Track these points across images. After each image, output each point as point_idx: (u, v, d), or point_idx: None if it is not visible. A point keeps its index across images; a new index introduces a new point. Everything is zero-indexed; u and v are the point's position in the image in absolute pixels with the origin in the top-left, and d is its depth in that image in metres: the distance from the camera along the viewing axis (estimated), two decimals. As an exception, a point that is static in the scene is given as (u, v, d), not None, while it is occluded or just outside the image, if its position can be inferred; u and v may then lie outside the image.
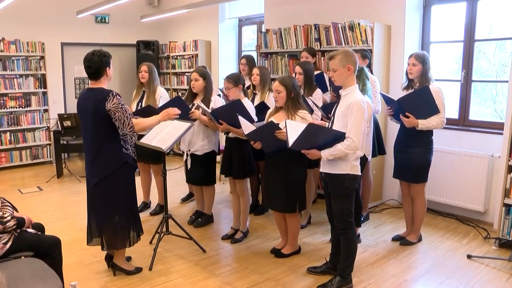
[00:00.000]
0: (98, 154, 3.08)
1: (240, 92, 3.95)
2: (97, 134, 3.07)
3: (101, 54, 3.07)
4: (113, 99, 2.99)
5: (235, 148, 3.99)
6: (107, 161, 3.08)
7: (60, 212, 5.01)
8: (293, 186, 3.47)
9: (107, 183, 3.10)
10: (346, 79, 2.92)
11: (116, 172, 3.09)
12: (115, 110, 2.98)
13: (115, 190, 3.13)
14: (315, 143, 2.92)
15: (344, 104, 2.88)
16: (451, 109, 4.90)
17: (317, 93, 4.22)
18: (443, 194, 4.75)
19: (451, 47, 4.96)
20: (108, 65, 3.09)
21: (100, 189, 3.12)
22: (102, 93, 3.02)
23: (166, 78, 8.38)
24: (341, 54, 2.90)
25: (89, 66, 3.05)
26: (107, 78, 3.11)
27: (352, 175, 2.96)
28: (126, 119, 3.04)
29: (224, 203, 5.35)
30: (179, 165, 7.20)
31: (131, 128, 3.08)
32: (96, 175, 3.11)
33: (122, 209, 3.20)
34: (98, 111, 2.99)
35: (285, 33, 5.63)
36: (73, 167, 7.17)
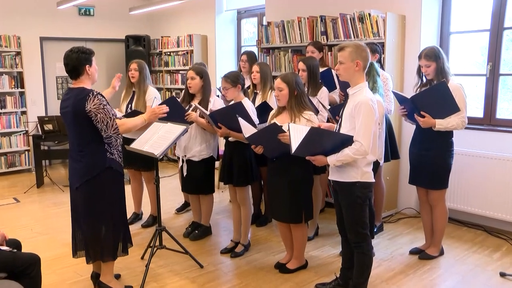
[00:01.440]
0: (80, 158, 3.13)
1: (239, 93, 4.00)
2: (79, 137, 3.13)
3: (79, 50, 3.13)
4: (93, 100, 3.03)
5: (236, 153, 4.04)
6: (88, 165, 3.12)
7: (40, 226, 5.02)
8: (298, 194, 3.51)
9: (88, 189, 3.14)
10: (353, 75, 2.95)
11: (98, 177, 3.13)
12: (96, 111, 3.03)
13: (98, 197, 3.16)
14: (320, 148, 2.96)
15: (352, 103, 2.91)
16: (475, 107, 4.87)
17: (323, 92, 4.27)
18: (467, 202, 4.73)
19: (475, 37, 4.93)
20: (87, 62, 3.13)
21: (81, 195, 3.16)
22: (82, 93, 3.07)
23: (159, 77, 8.44)
24: (352, 47, 2.93)
25: (66, 64, 3.13)
26: (88, 77, 3.16)
27: (363, 183, 2.99)
28: (109, 120, 3.09)
29: (223, 213, 5.39)
30: (174, 172, 7.26)
31: (115, 129, 3.14)
32: (76, 179, 3.16)
33: (107, 219, 3.22)
34: (78, 112, 3.04)
35: (288, 26, 5.69)
36: (55, 176, 7.19)
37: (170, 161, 8.18)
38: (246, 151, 3.99)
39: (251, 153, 3.99)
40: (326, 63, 5.09)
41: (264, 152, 3.52)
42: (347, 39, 5.03)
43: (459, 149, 4.55)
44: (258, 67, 4.54)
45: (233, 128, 3.78)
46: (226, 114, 3.79)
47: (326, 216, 5.06)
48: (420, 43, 4.87)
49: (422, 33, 4.91)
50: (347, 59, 2.93)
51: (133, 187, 5.03)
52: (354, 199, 3.01)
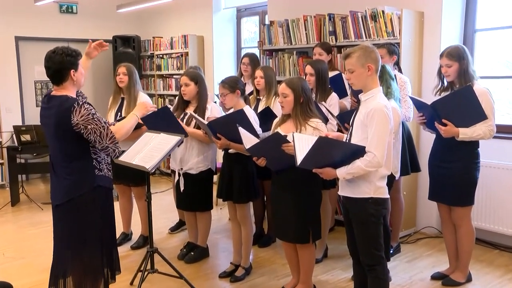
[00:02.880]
0: (64, 175, 3.08)
1: (239, 99, 4.04)
2: (62, 152, 3.07)
3: (63, 52, 3.02)
4: (80, 111, 2.95)
5: (235, 166, 4.07)
6: (74, 183, 3.06)
7: (14, 250, 5.00)
8: (305, 211, 3.53)
9: (72, 207, 3.08)
10: (366, 81, 2.97)
11: (84, 196, 3.07)
12: (85, 123, 2.96)
13: (84, 217, 3.10)
14: (328, 160, 2.98)
15: (364, 110, 2.94)
16: (506, 112, 4.86)
17: (333, 98, 4.32)
18: (497, 221, 4.68)
19: (506, 35, 4.89)
20: (73, 66, 3.04)
21: (63, 214, 3.12)
22: (65, 102, 2.98)
23: (150, 82, 8.50)
24: (359, 51, 2.95)
25: (48, 67, 3.04)
26: (73, 83, 3.06)
27: (377, 199, 3.01)
28: (102, 129, 3.01)
29: (222, 232, 5.41)
30: (167, 187, 7.28)
31: (112, 138, 3.07)
32: (59, 196, 3.11)
33: (94, 243, 3.16)
34: (62, 126, 2.97)
35: (293, 25, 5.75)
36: (33, 192, 7.14)
37: (163, 175, 8.21)
38: (247, 163, 4.02)
39: (252, 166, 4.02)
40: (335, 67, 5.14)
41: (267, 165, 3.54)
42: (358, 39, 5.08)
43: (486, 161, 4.54)
44: (262, 71, 4.59)
45: (234, 139, 3.80)
46: (226, 123, 3.82)
47: (336, 236, 5.07)
48: (441, 43, 4.87)
49: (442, 31, 4.91)
50: (356, 65, 2.95)
51: (122, 204, 5.05)
52: (366, 217, 3.02)
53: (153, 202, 3.96)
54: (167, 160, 6.90)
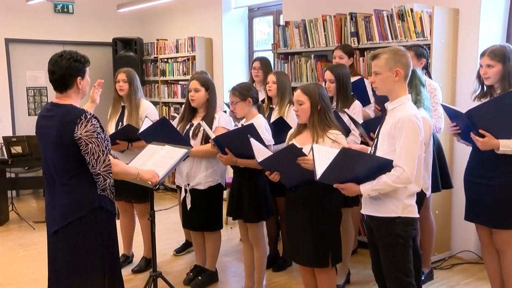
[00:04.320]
0: (62, 194, 3.07)
1: (251, 108, 4.07)
2: (61, 167, 3.06)
3: (71, 57, 3.03)
4: (86, 124, 2.96)
5: (246, 181, 4.08)
6: (72, 203, 3.05)
7: (2, 275, 4.99)
8: (324, 232, 3.52)
9: (71, 233, 3.07)
10: (393, 87, 2.98)
11: (85, 218, 3.06)
12: (88, 140, 2.96)
13: (84, 244, 3.10)
14: (351, 174, 2.98)
15: (391, 121, 2.94)
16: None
17: (355, 107, 4.32)
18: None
19: None
20: (80, 73, 3.06)
21: (61, 241, 3.10)
22: (71, 113, 3.00)
23: (154, 89, 8.55)
24: (389, 53, 2.97)
25: (52, 72, 3.04)
26: (78, 91, 3.09)
27: (405, 219, 2.99)
28: (101, 153, 3.01)
29: (232, 254, 5.41)
30: (172, 204, 7.29)
31: (107, 166, 3.04)
32: (56, 221, 3.09)
33: (95, 272, 3.15)
34: (64, 137, 2.98)
35: (310, 26, 5.76)
36: (24, 210, 7.14)
37: (168, 190, 8.23)
38: (258, 178, 4.03)
39: (264, 182, 4.03)
40: (357, 71, 5.14)
41: (281, 180, 3.54)
42: (383, 41, 5.07)
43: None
44: (275, 76, 4.60)
45: (243, 154, 3.83)
46: (234, 138, 3.85)
47: (359, 259, 5.05)
48: (478, 44, 4.80)
49: (481, 30, 4.84)
50: (384, 68, 2.96)
51: (123, 223, 5.08)
52: (394, 239, 3.00)
53: (157, 221, 3.98)
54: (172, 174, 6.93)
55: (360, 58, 5.31)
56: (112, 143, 4.41)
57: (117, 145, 4.53)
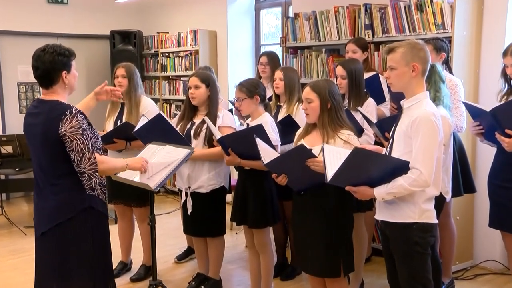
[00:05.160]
0: (50, 194, 3.11)
1: (258, 106, 4.07)
2: (50, 166, 3.11)
3: (54, 51, 3.07)
4: (71, 120, 3.00)
5: (251, 185, 4.08)
6: (61, 204, 3.09)
7: (-10, 283, 5.01)
8: (335, 238, 3.50)
9: (59, 235, 3.09)
10: (410, 83, 2.98)
11: (74, 220, 3.10)
12: (72, 136, 3.00)
13: (73, 247, 3.12)
14: (364, 176, 2.98)
15: (408, 120, 2.94)
16: None
17: (369, 105, 4.32)
18: None
19: None
20: (65, 67, 3.10)
21: (49, 243, 3.13)
22: (56, 108, 3.05)
23: (154, 85, 8.57)
24: (406, 47, 2.97)
25: (36, 67, 3.09)
26: (64, 86, 3.13)
27: (423, 225, 2.98)
28: (86, 151, 3.04)
29: (237, 262, 5.42)
30: (173, 208, 7.29)
31: (92, 165, 3.07)
32: (44, 222, 3.13)
33: (85, 277, 3.16)
34: (50, 133, 3.02)
35: (322, 18, 5.76)
36: (14, 214, 7.13)
37: (169, 193, 8.24)
38: (264, 181, 4.03)
39: (271, 185, 4.04)
40: (372, 67, 5.14)
41: (288, 183, 3.54)
42: (400, 34, 5.05)
43: None
44: (282, 73, 4.60)
45: (248, 156, 3.84)
46: (240, 138, 3.86)
47: (373, 268, 5.04)
48: (505, 36, 4.77)
49: (508, 22, 4.79)
50: (400, 62, 2.96)
51: (121, 228, 5.08)
52: (411, 247, 3.00)
53: (157, 226, 3.99)
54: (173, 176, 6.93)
55: (375, 53, 5.30)
56: (109, 141, 4.45)
57: (115, 144, 4.55)
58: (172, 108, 8.17)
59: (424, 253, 3.02)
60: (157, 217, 4.01)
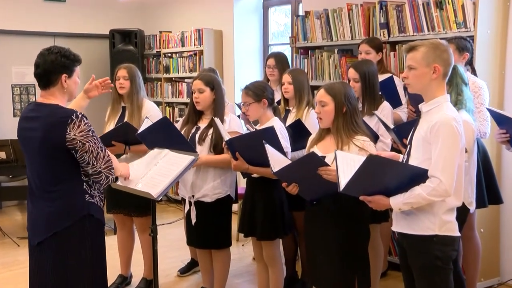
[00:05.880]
0: (47, 201, 3.13)
1: (266, 110, 4.07)
2: (47, 172, 3.13)
3: (59, 52, 3.14)
4: (79, 124, 3.05)
5: (260, 194, 4.08)
6: (58, 211, 3.11)
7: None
8: (349, 252, 3.50)
9: (56, 245, 3.12)
10: (429, 85, 2.97)
11: (71, 229, 3.12)
12: (84, 139, 3.05)
13: (70, 257, 3.14)
14: (380, 185, 2.96)
15: (426, 124, 2.93)
16: None
17: (384, 109, 4.31)
18: None
19: None
20: (66, 71, 3.15)
21: (45, 254, 3.14)
22: (57, 113, 3.08)
23: (156, 87, 8.58)
24: (428, 46, 2.96)
25: (37, 65, 3.15)
26: (63, 90, 3.17)
27: (444, 237, 2.97)
28: (100, 150, 3.12)
29: (244, 275, 5.41)
30: (176, 218, 7.28)
31: (107, 162, 3.15)
32: (40, 231, 3.14)
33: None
34: (52, 139, 3.05)
35: (334, 16, 5.75)
36: (7, 224, 7.15)
37: (171, 202, 8.24)
38: (274, 190, 4.03)
39: (281, 194, 4.03)
40: (387, 69, 5.12)
41: (299, 193, 3.53)
42: (418, 33, 5.02)
43: None
44: (290, 76, 4.60)
45: (256, 161, 3.84)
46: (250, 142, 3.87)
47: (390, 283, 5.02)
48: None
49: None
50: (420, 62, 2.95)
51: (121, 239, 5.08)
52: (430, 261, 2.98)
53: (159, 237, 3.98)
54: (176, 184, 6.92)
55: (391, 53, 5.27)
56: (107, 144, 4.42)
57: (113, 147, 4.51)
58: (175, 111, 8.18)
59: (446, 268, 3.00)
60: (158, 227, 4.00)
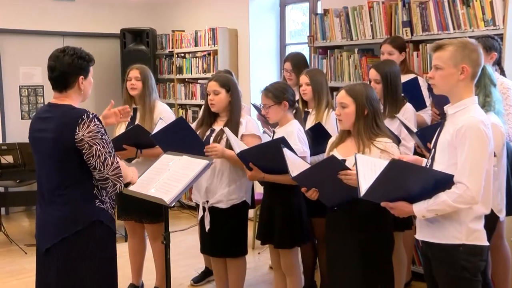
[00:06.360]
0: (56, 205, 3.15)
1: (286, 112, 4.07)
2: (58, 175, 3.16)
3: (75, 53, 3.18)
4: (89, 124, 3.08)
5: (278, 200, 4.08)
6: (67, 216, 3.13)
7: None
8: (371, 261, 3.49)
9: (64, 251, 3.14)
10: (456, 86, 2.95)
11: (80, 235, 3.14)
12: (92, 141, 3.07)
13: (79, 264, 3.16)
14: (403, 191, 2.95)
15: (452, 128, 2.91)
16: None
17: (407, 111, 4.30)
18: None
19: None
20: (83, 72, 3.20)
21: (53, 261, 3.16)
22: (70, 113, 3.12)
23: (168, 88, 8.62)
24: (457, 45, 2.94)
25: (52, 68, 3.17)
26: (79, 92, 3.22)
27: (471, 247, 2.94)
28: (108, 155, 3.13)
29: (260, 285, 5.41)
30: (190, 224, 7.29)
31: (116, 169, 3.16)
32: (48, 237, 3.16)
33: None
34: (63, 140, 3.08)
35: (354, 14, 5.74)
36: (14, 230, 7.18)
37: (184, 208, 8.26)
38: (292, 196, 4.03)
39: (300, 200, 4.03)
40: (410, 69, 5.10)
41: (319, 198, 3.53)
42: (443, 31, 4.99)
43: None
44: (308, 77, 4.60)
45: (272, 169, 3.84)
46: (261, 152, 3.88)
47: (413, 294, 5.01)
48: None
49: None
50: (448, 62, 2.93)
51: (132, 247, 5.09)
52: (457, 272, 2.96)
53: (172, 245, 3.98)
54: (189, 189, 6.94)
55: (414, 53, 5.24)
56: (118, 148, 4.44)
57: (124, 151, 4.54)
58: (188, 114, 8.20)
59: (473, 280, 2.97)
60: (171, 234, 4.00)
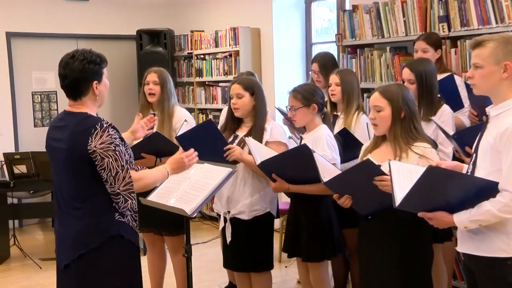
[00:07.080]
0: (73, 218, 3.17)
1: (315, 116, 4.06)
2: (74, 187, 3.16)
3: (85, 58, 3.15)
4: (102, 135, 3.06)
5: (305, 211, 4.08)
6: (85, 230, 3.14)
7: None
8: (409, 276, 3.46)
9: (83, 268, 3.14)
10: (499, 86, 2.92)
11: (100, 251, 3.14)
12: (104, 153, 3.05)
13: (100, 281, 3.17)
14: (442, 200, 2.93)
15: (496, 130, 2.88)
16: None
17: (444, 113, 4.26)
18: None
19: None
20: (96, 76, 3.18)
21: (72, 278, 3.18)
22: (84, 122, 3.12)
23: (187, 92, 8.66)
24: (498, 41, 2.90)
25: (63, 76, 3.17)
26: (94, 98, 3.21)
27: (519, 260, 2.93)
28: (120, 169, 3.08)
29: (287, 302, 5.40)
30: (212, 236, 7.30)
31: (128, 185, 3.11)
32: (66, 253, 3.18)
33: None
34: (76, 149, 3.08)
35: (385, 10, 5.72)
36: (28, 244, 7.20)
37: (206, 218, 8.27)
38: (321, 205, 4.03)
39: (330, 210, 4.03)
40: (447, 68, 5.05)
41: (353, 206, 3.51)
42: (484, 26, 4.91)
43: None
44: (338, 77, 4.59)
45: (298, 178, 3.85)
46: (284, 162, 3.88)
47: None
48: None
49: None
50: (488, 60, 2.90)
51: (151, 260, 5.11)
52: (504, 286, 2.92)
53: (193, 258, 3.98)
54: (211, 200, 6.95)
55: (451, 50, 5.18)
56: (137, 156, 4.45)
57: (143, 160, 4.55)
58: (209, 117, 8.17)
59: None
60: (193, 247, 4.00)
